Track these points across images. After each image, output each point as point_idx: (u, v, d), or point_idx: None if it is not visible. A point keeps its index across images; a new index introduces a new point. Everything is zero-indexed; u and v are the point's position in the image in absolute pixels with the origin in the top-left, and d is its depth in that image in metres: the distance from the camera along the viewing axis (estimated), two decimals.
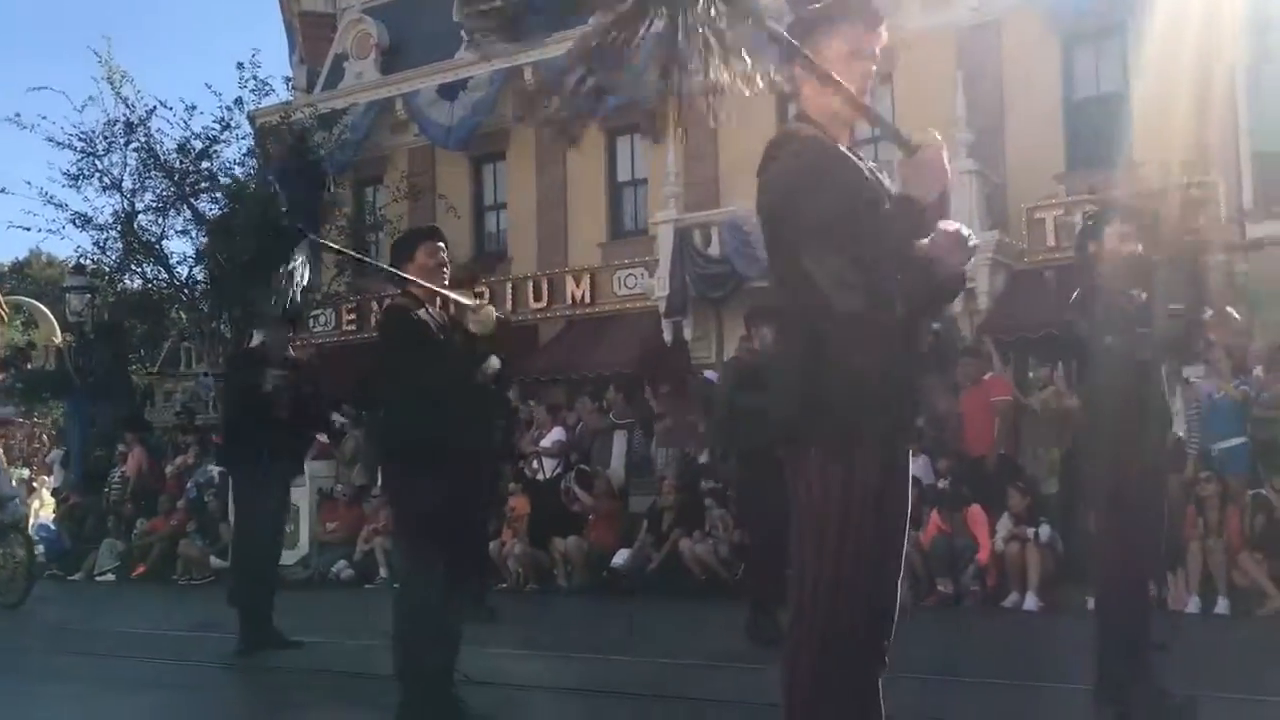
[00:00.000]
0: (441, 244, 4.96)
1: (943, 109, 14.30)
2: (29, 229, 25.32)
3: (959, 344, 13.52)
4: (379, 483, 11.30)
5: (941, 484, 9.79)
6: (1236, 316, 4.86)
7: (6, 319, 17.99)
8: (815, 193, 2.67)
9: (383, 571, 11.91)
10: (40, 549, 12.58)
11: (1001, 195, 14.97)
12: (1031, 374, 11.08)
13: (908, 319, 2.66)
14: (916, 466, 10.14)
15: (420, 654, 4.55)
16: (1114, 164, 14.32)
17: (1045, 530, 8.98)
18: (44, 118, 16.79)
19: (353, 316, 19.58)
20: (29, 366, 19.28)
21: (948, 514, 9.37)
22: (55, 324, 17.76)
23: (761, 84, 2.63)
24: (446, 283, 4.92)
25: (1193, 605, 8.12)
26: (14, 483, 13.19)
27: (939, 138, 2.73)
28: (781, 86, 2.88)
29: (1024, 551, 8.90)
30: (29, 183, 39.56)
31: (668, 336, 16.33)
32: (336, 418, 13.97)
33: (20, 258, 37.47)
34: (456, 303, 4.76)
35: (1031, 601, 8.66)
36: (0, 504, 10.92)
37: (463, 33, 19.35)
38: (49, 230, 18.97)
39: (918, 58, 13.79)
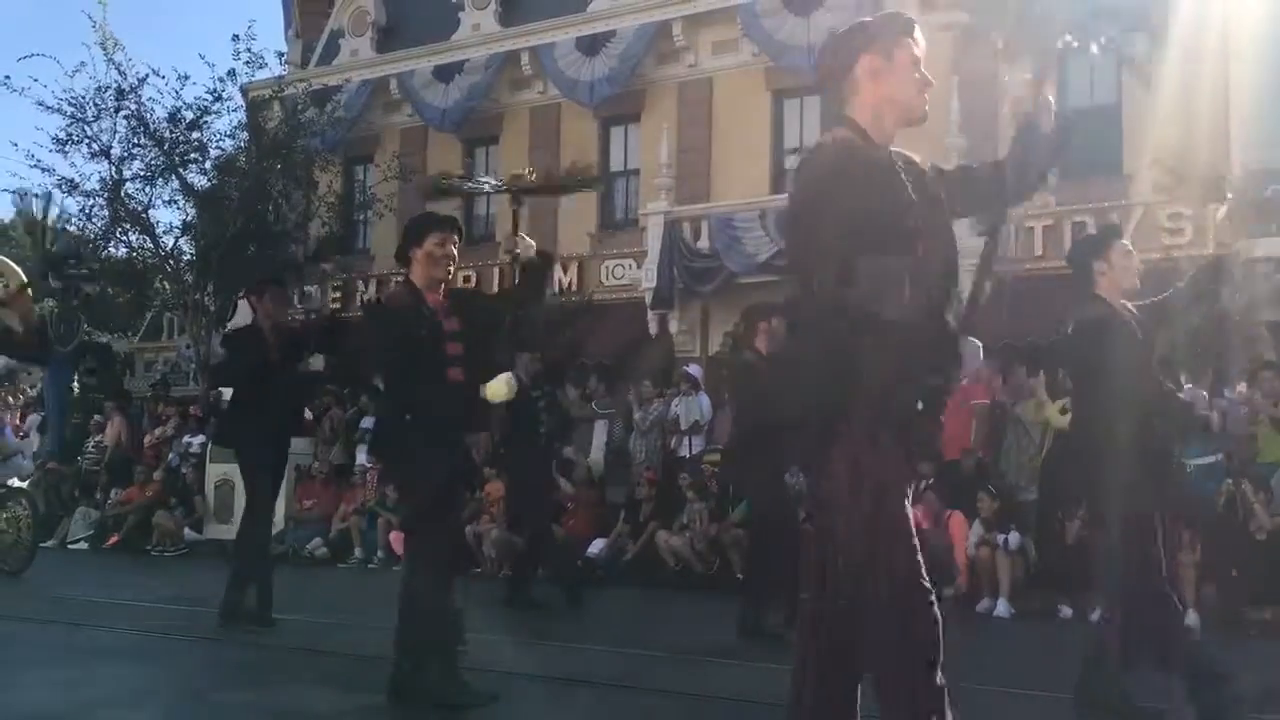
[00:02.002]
0: (454, 236, 4.92)
1: (936, 113, 14.23)
2: (15, 192, 25.07)
3: None
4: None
5: (923, 485, 9.82)
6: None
7: None
8: (839, 196, 2.68)
9: (357, 551, 11.90)
10: None
11: None
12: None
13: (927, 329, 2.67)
14: None
15: (420, 631, 4.63)
16: (1105, 175, 14.41)
17: (1015, 537, 9.02)
18: (35, 79, 16.72)
19: (338, 295, 19.52)
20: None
21: (931, 516, 9.41)
22: (23, 279, 17.46)
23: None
24: (448, 276, 4.91)
25: None
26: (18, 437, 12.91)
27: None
28: (826, 86, 2.99)
29: (994, 556, 8.95)
30: (15, 144, 39.31)
31: (653, 328, 16.34)
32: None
33: (5, 220, 37.26)
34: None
35: (1003, 608, 8.71)
36: (5, 459, 10.57)
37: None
38: (36, 195, 18.86)
39: None
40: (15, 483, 10.73)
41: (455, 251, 4.91)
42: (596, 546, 10.86)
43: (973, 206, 3.11)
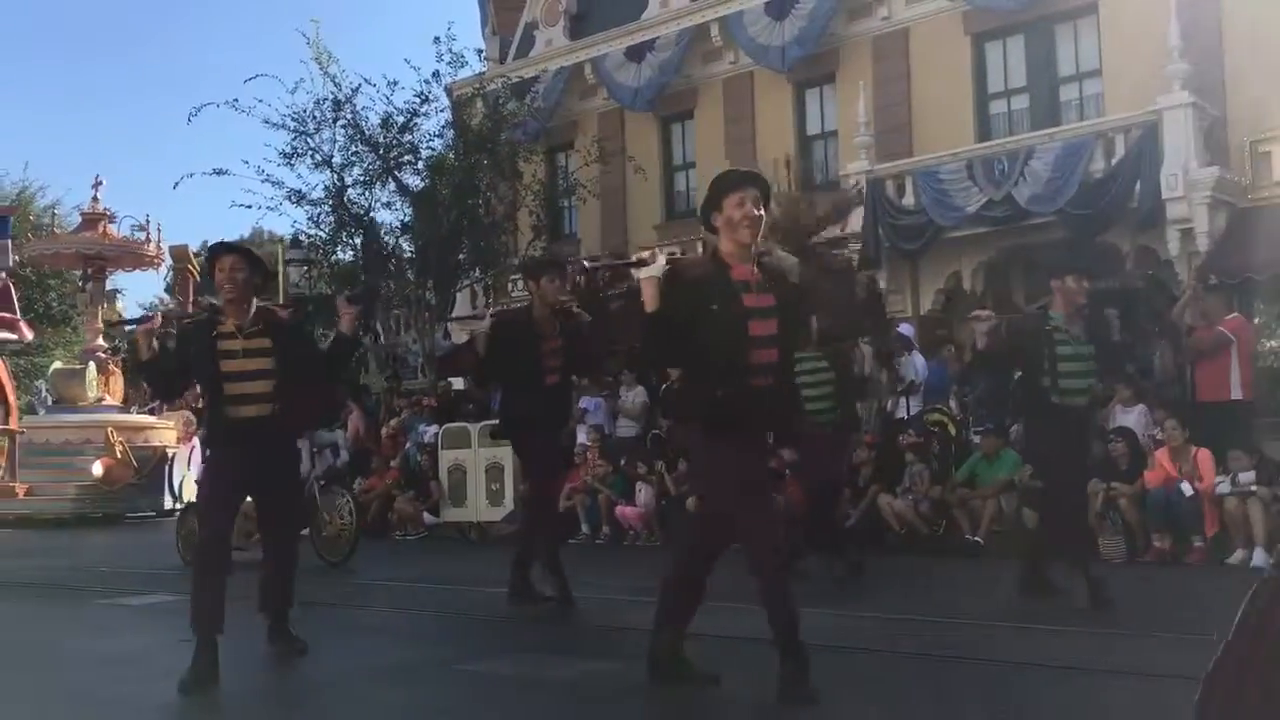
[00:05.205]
0: (753, 192, 4.37)
1: (1154, 39, 13.49)
2: (249, 206, 26.84)
3: (1170, 290, 12.79)
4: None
5: (1158, 433, 9.39)
6: None
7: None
8: None
9: (583, 527, 12.24)
10: None
11: (1221, 128, 14.01)
12: (1258, 319, 10.37)
13: None
14: (1131, 417, 9.75)
15: (667, 610, 4.61)
16: None
17: (1265, 489, 8.50)
18: (259, 100, 17.72)
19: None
20: None
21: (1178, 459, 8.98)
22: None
23: None
24: (752, 241, 4.38)
25: None
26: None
27: None
28: None
29: (1245, 506, 8.45)
30: (247, 162, 41.66)
31: (861, 290, 16.04)
32: None
33: (244, 234, 39.93)
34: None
35: (1260, 558, 8.18)
36: (320, 449, 10.96)
37: None
38: (268, 207, 20.17)
39: None
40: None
41: (761, 212, 4.35)
42: None
43: None
